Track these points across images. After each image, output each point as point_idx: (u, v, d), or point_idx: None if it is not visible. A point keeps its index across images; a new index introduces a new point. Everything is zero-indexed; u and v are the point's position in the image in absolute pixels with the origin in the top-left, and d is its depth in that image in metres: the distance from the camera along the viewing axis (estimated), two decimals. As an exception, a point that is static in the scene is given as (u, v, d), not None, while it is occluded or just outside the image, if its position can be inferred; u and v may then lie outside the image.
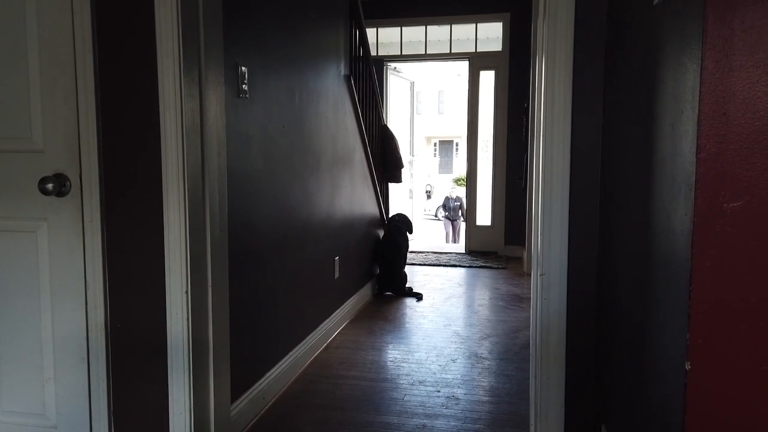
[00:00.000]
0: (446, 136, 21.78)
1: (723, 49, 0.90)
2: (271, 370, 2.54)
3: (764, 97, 0.89)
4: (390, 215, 5.01)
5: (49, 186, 1.75)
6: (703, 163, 0.91)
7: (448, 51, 6.38)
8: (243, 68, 2.21)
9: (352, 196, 3.93)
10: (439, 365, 2.99)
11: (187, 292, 1.76)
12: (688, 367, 0.94)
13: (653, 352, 1.20)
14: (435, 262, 5.95)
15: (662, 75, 1.16)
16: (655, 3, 1.20)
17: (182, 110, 1.71)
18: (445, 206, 11.38)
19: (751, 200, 0.91)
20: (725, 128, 0.90)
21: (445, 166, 21.80)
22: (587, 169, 1.84)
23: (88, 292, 1.81)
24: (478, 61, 6.27)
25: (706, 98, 0.91)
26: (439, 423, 2.33)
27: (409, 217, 5.00)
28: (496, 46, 6.24)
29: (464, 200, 9.56)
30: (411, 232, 4.90)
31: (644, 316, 1.28)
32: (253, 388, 2.36)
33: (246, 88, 2.23)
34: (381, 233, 4.88)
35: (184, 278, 1.76)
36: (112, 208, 1.79)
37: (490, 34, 6.37)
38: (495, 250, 6.37)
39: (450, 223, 10.87)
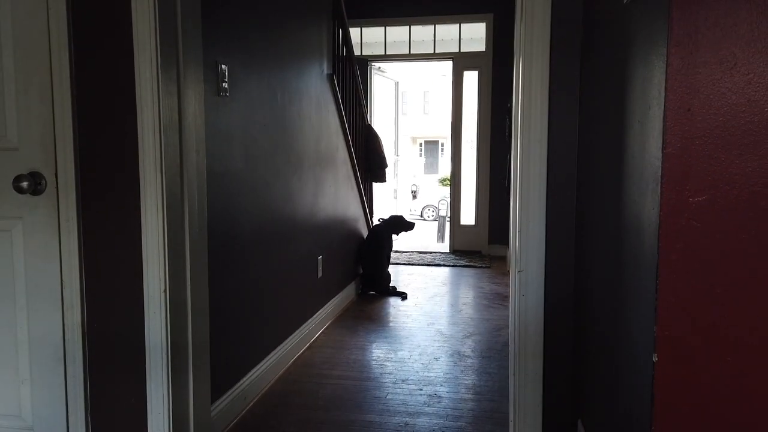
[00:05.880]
0: (432, 137, 21.83)
1: (688, 47, 0.92)
2: (253, 370, 2.53)
3: (727, 93, 0.91)
4: (387, 217, 4.97)
5: (24, 184, 1.73)
6: (669, 158, 0.93)
7: (432, 51, 6.41)
8: (223, 66, 2.20)
9: (335, 196, 3.93)
10: (422, 364, 3.00)
11: (165, 291, 1.75)
12: (655, 359, 0.96)
13: (624, 346, 1.22)
14: (419, 261, 5.97)
15: (632, 72, 1.18)
16: (625, 1, 1.22)
17: (160, 107, 1.70)
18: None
19: (715, 194, 0.93)
20: (690, 124, 0.92)
21: (431, 167, 21.86)
22: (564, 166, 1.86)
23: (64, 291, 1.79)
24: (461, 62, 6.30)
25: (671, 95, 0.92)
26: (421, 421, 2.34)
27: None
28: (480, 46, 6.28)
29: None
30: (410, 229, 4.89)
31: (616, 311, 1.30)
32: (234, 388, 2.34)
33: (226, 87, 2.22)
34: (365, 233, 4.88)
35: (163, 277, 1.75)
36: (88, 207, 1.78)
37: (474, 35, 6.41)
38: (479, 249, 6.40)
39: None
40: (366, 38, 6.54)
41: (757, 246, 0.92)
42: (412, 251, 6.64)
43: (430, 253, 6.55)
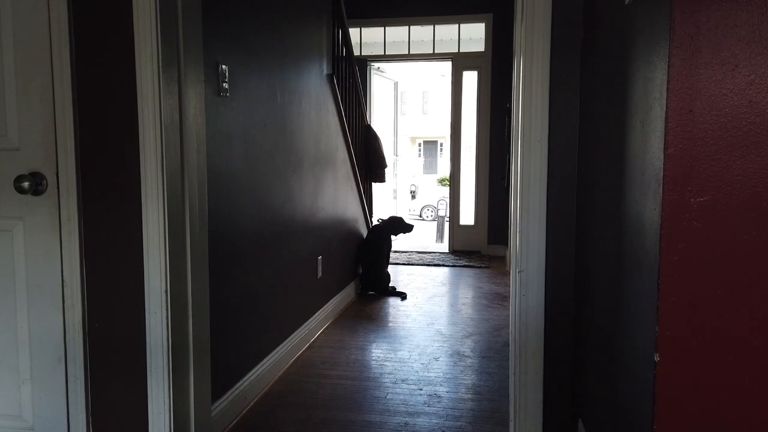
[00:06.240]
0: (430, 137, 21.86)
1: (689, 48, 0.92)
2: (253, 370, 2.54)
3: (729, 94, 0.92)
4: (386, 217, 4.98)
5: (25, 185, 1.73)
6: (671, 158, 0.93)
7: (431, 51, 6.41)
8: (223, 66, 2.20)
9: (335, 196, 3.93)
10: (422, 363, 3.00)
11: (166, 291, 1.75)
12: (657, 358, 0.96)
13: (625, 346, 1.22)
14: (419, 261, 5.97)
15: (633, 73, 1.18)
16: (626, 2, 1.23)
17: (161, 107, 1.70)
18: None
19: (716, 195, 0.93)
20: (691, 125, 0.93)
21: (430, 167, 21.88)
22: (564, 166, 1.86)
23: (65, 291, 1.79)
24: (461, 62, 6.31)
25: (672, 95, 0.93)
26: (421, 421, 2.34)
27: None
28: (479, 46, 6.28)
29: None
30: (409, 231, 4.89)
31: (617, 310, 1.30)
32: (235, 387, 2.35)
33: (227, 87, 2.23)
34: (364, 233, 4.89)
35: (163, 277, 1.75)
36: (89, 207, 1.78)
37: (473, 35, 6.41)
38: (478, 249, 6.41)
39: None
40: (365, 38, 6.54)
41: (758, 246, 0.92)
42: (411, 251, 6.65)
43: (430, 253, 6.55)
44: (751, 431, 0.96)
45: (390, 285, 4.63)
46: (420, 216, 13.60)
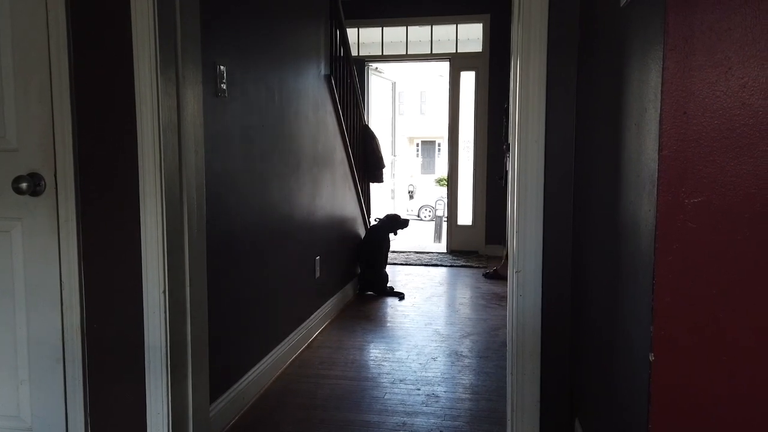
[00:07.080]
0: (428, 137, 21.86)
1: (683, 50, 0.93)
2: (252, 370, 2.54)
3: (723, 96, 0.93)
4: (383, 216, 4.99)
5: (23, 185, 1.73)
6: (665, 160, 0.94)
7: (429, 51, 6.42)
8: (221, 67, 2.20)
9: (333, 196, 3.93)
10: (420, 364, 3.01)
11: (164, 291, 1.76)
12: (652, 358, 0.97)
13: (622, 345, 1.23)
14: (417, 261, 5.98)
15: (629, 75, 1.19)
16: (621, 4, 1.24)
17: (159, 108, 1.71)
18: None
19: (710, 196, 0.94)
20: (685, 127, 0.94)
21: (428, 167, 21.88)
22: (561, 167, 1.87)
23: (63, 292, 1.80)
24: (458, 62, 6.32)
25: (667, 98, 0.94)
26: (419, 420, 2.35)
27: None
28: (477, 47, 6.29)
29: None
30: (406, 226, 4.90)
31: (613, 310, 1.31)
32: (233, 387, 2.35)
33: (225, 87, 2.23)
34: (362, 233, 4.89)
35: (162, 278, 1.75)
36: (87, 208, 1.78)
37: (471, 35, 6.43)
38: (476, 249, 6.42)
39: None
40: (363, 38, 6.54)
41: (751, 247, 0.93)
42: (409, 251, 6.65)
43: (428, 253, 6.56)
44: (745, 430, 0.97)
45: (388, 285, 4.64)
46: (418, 216, 13.60)
